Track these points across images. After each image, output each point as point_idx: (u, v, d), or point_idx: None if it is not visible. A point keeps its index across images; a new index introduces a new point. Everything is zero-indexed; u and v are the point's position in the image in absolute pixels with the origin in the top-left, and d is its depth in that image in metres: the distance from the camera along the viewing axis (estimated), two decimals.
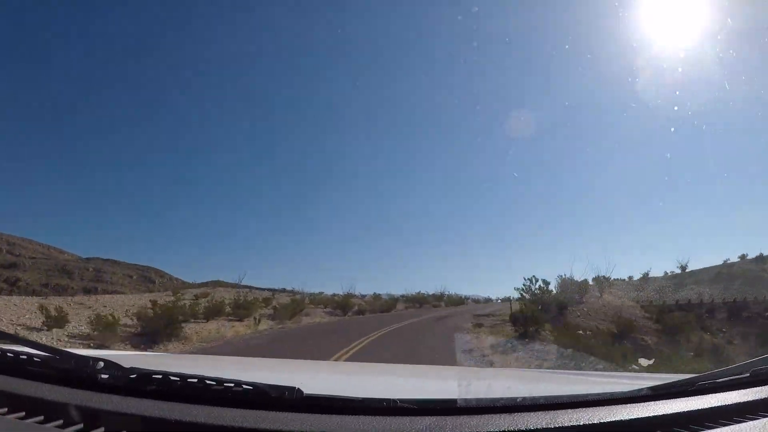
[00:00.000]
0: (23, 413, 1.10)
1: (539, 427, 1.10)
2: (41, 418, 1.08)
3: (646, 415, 1.18)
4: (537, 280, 21.95)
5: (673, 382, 1.40)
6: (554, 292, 23.20)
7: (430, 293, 51.14)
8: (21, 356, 1.31)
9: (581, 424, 1.12)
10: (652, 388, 1.31)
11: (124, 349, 11.89)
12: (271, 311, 26.23)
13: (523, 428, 1.09)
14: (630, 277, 50.18)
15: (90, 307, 21.32)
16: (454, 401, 1.22)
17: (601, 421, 1.13)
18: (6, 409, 1.12)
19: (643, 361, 12.40)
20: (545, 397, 1.24)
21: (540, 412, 1.16)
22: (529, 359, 11.68)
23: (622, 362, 11.65)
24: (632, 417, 1.17)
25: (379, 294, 51.00)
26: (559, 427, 1.10)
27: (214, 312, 22.23)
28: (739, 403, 1.29)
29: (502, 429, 1.08)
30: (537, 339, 15.18)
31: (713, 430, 1.16)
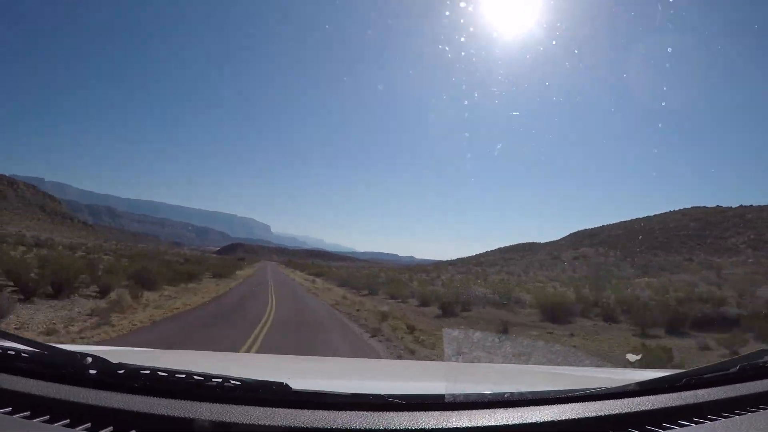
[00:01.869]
0: (10, 409, 1.09)
1: (527, 422, 1.10)
2: (28, 413, 1.08)
3: (634, 410, 1.19)
4: None
5: (660, 377, 1.41)
6: None
7: None
8: (9, 352, 1.29)
9: (569, 418, 1.13)
10: (639, 384, 1.33)
11: None
12: None
13: (510, 423, 1.10)
14: None
15: None
16: (441, 396, 1.22)
17: (589, 416, 1.14)
18: None
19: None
20: (533, 393, 1.25)
21: (528, 407, 1.17)
22: None
23: None
24: (620, 412, 1.18)
25: None
26: (547, 421, 1.11)
27: None
28: (727, 398, 1.30)
29: (490, 424, 1.09)
30: None
31: (701, 425, 1.18)
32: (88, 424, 1.04)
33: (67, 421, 1.05)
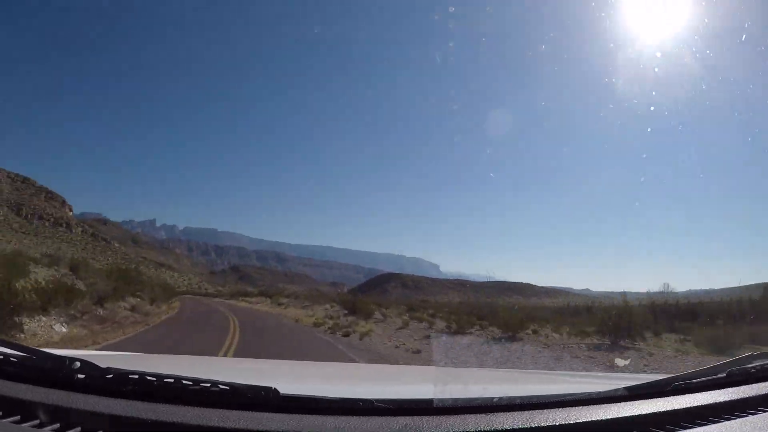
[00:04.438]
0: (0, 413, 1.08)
1: (515, 427, 1.11)
2: (18, 417, 1.06)
3: (623, 415, 1.20)
4: None
5: (649, 382, 1.42)
6: None
7: None
8: None
9: (557, 424, 1.13)
10: (628, 389, 1.34)
11: None
12: None
13: (499, 428, 1.10)
14: None
15: None
16: (430, 401, 1.22)
17: (578, 421, 1.15)
18: None
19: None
20: (522, 398, 1.25)
21: (516, 412, 1.17)
22: None
23: None
24: (609, 417, 1.19)
25: None
26: (536, 427, 1.12)
27: None
28: (715, 403, 1.32)
29: (479, 429, 1.09)
30: None
31: (689, 430, 1.18)
32: (78, 429, 1.03)
33: (57, 425, 1.04)
